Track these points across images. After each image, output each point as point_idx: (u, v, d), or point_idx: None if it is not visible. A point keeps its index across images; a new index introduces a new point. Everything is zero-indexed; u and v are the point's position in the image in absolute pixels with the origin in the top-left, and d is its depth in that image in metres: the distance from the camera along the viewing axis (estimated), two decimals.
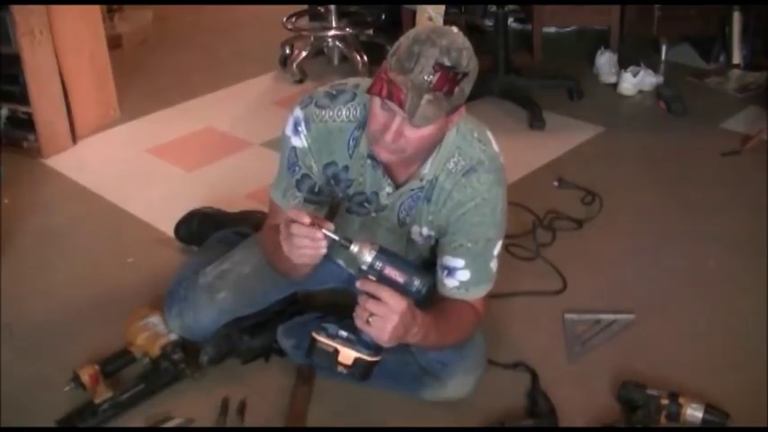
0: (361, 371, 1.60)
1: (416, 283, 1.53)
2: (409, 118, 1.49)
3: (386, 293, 1.52)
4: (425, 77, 1.47)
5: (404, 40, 1.52)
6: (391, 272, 1.52)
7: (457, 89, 1.51)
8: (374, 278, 1.53)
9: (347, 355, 1.58)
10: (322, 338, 1.59)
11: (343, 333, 1.58)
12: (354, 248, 1.52)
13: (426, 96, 1.48)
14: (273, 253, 1.74)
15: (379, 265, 1.52)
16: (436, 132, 1.58)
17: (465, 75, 1.51)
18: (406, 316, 1.53)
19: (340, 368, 1.60)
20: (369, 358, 1.59)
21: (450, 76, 1.49)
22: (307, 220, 1.52)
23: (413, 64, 1.47)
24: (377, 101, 1.54)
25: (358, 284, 1.54)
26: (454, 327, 1.73)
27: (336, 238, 1.53)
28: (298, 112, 1.73)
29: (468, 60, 1.51)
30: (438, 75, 1.47)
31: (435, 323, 1.64)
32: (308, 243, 1.53)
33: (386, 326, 1.52)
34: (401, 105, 1.48)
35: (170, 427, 1.81)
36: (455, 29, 1.55)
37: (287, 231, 1.54)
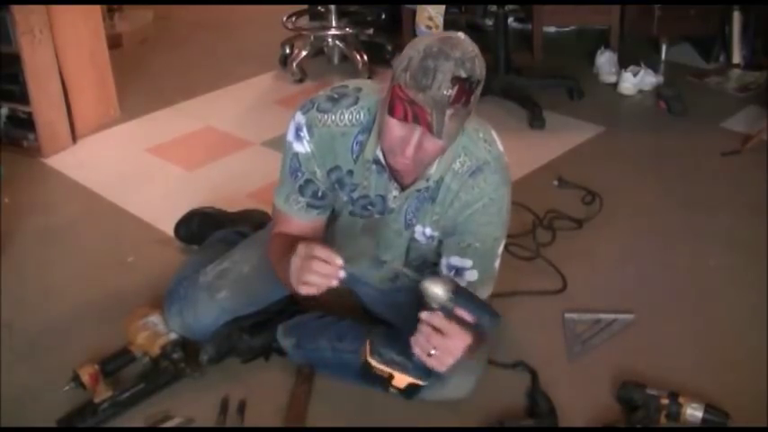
0: (411, 393, 1.64)
1: (485, 323, 1.54)
2: (438, 137, 1.50)
3: (454, 330, 1.52)
4: (445, 92, 1.46)
5: (414, 54, 1.49)
6: (463, 312, 1.53)
7: (473, 97, 1.52)
8: (444, 315, 1.53)
9: (401, 379, 1.62)
10: (376, 363, 1.61)
11: (398, 358, 1.60)
12: (429, 287, 1.52)
13: (448, 111, 1.48)
14: (276, 263, 1.76)
15: (451, 306, 1.52)
16: (453, 140, 1.59)
17: (479, 82, 1.52)
18: (467, 348, 1.55)
19: (392, 389, 1.63)
20: (421, 383, 1.61)
21: (466, 88, 1.48)
22: (339, 262, 1.53)
23: (430, 80, 1.46)
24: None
25: (424, 317, 1.53)
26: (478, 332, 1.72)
27: (410, 274, 1.53)
28: (299, 118, 1.72)
29: (480, 68, 1.51)
30: (456, 88, 1.47)
31: (478, 338, 1.63)
32: (317, 280, 1.54)
33: (447, 360, 1.54)
34: (429, 127, 1.49)
35: (170, 426, 1.81)
36: (461, 35, 1.54)
37: (304, 260, 1.55)
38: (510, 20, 3.67)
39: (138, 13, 4.41)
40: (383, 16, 4.02)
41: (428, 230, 1.78)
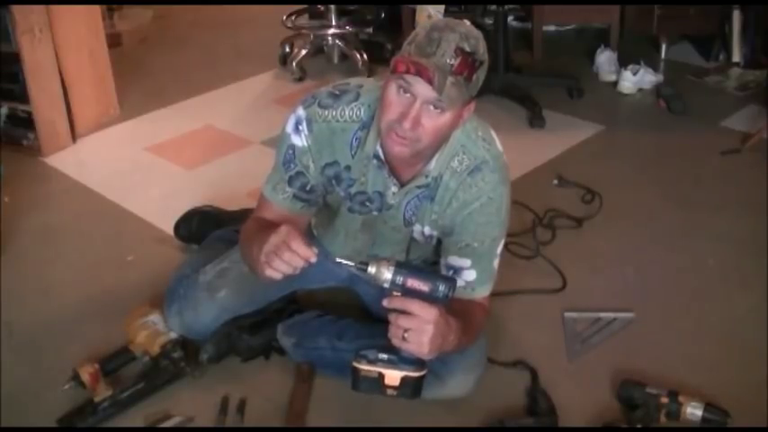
0: (410, 389, 1.58)
1: (441, 288, 1.52)
2: (438, 94, 1.49)
3: (415, 306, 1.50)
4: (448, 60, 1.48)
5: (420, 30, 1.53)
6: (414, 283, 1.51)
7: (475, 76, 1.53)
8: (399, 293, 1.51)
9: (392, 376, 1.56)
10: (364, 366, 1.57)
11: (384, 356, 1.56)
12: (372, 270, 1.50)
13: (450, 78, 1.49)
14: (247, 243, 1.73)
15: (400, 279, 1.50)
16: (450, 124, 1.58)
17: (482, 63, 1.54)
18: (441, 323, 1.52)
19: (389, 391, 1.57)
20: (415, 374, 1.56)
21: (469, 62, 1.50)
22: (314, 260, 1.51)
23: (434, 48, 1.48)
24: (392, 89, 1.54)
25: (385, 303, 1.52)
26: (472, 327, 1.71)
27: (352, 264, 1.51)
28: (300, 112, 1.72)
29: (484, 49, 1.54)
30: (460, 59, 1.49)
31: (463, 326, 1.62)
32: (285, 269, 1.53)
33: (423, 338, 1.51)
34: (430, 81, 1.47)
35: (170, 425, 1.81)
36: (467, 22, 1.56)
37: (280, 246, 1.53)
38: (510, 19, 3.68)
39: (137, 12, 4.41)
40: (383, 15, 4.02)
41: (427, 230, 1.79)
